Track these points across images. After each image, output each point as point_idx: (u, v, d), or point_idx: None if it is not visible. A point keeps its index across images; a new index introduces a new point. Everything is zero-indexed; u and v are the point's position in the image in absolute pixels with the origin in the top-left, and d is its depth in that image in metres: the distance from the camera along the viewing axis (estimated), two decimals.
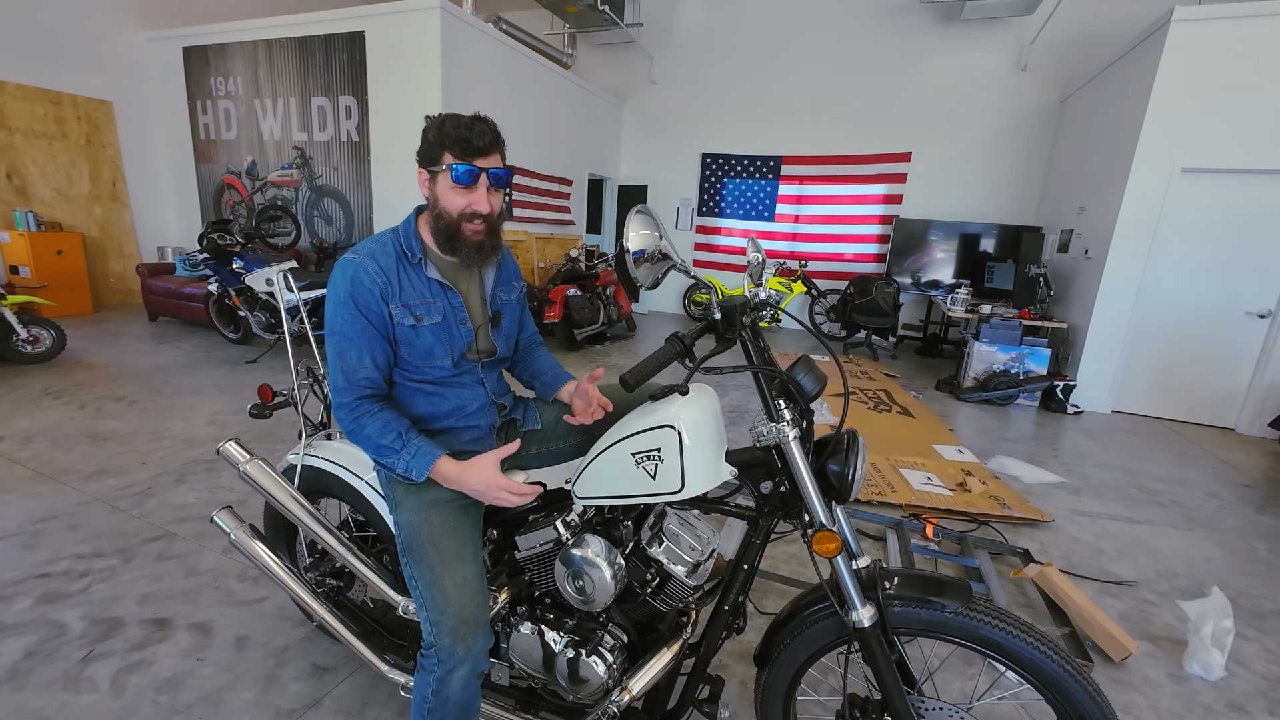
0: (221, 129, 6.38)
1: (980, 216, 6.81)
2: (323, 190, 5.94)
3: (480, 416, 1.24)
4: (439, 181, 1.09)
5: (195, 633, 1.66)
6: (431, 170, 1.09)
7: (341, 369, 1.09)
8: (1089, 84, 5.49)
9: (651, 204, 8.52)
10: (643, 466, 1.07)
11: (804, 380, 0.98)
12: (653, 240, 0.86)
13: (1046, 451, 3.64)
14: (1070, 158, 5.75)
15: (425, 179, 1.11)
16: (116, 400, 3.49)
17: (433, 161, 1.08)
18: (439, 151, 1.07)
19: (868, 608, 0.99)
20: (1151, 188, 4.30)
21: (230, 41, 6.00)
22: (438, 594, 1.01)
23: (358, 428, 1.09)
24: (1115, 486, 3.15)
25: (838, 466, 1.00)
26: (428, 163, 1.09)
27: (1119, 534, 2.61)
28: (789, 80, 7.41)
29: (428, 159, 1.09)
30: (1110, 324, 4.57)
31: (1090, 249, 4.85)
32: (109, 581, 1.85)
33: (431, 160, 1.08)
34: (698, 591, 1.17)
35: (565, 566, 1.13)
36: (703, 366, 0.96)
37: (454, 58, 5.14)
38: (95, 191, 6.28)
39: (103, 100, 6.25)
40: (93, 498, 2.36)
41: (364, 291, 1.08)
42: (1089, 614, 1.83)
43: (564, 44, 8.00)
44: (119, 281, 6.54)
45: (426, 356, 1.15)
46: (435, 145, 1.07)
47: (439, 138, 1.06)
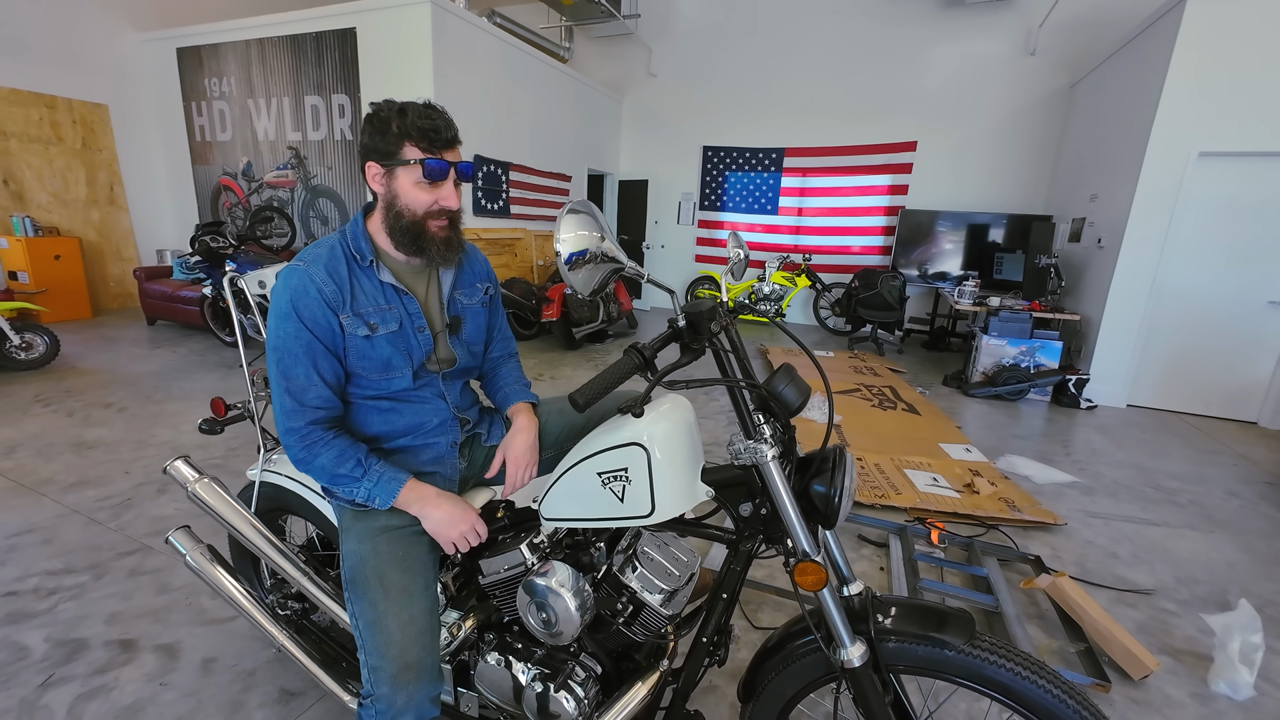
0: (216, 130, 6.33)
1: (988, 206, 6.64)
2: (318, 190, 5.88)
3: (441, 433, 1.14)
4: (399, 177, 0.99)
5: (161, 655, 1.59)
6: (387, 164, 0.99)
7: (287, 389, 0.99)
8: (1100, 67, 5.30)
9: (653, 199, 8.40)
10: (609, 487, 0.98)
11: (784, 392, 0.88)
12: (591, 241, 0.76)
13: (1058, 449, 3.51)
14: (1081, 144, 5.57)
15: (379, 174, 1.01)
16: (105, 407, 3.44)
17: (388, 155, 0.98)
18: (398, 144, 0.97)
19: (857, 645, 0.89)
20: (1167, 173, 4.13)
21: (223, 41, 5.94)
22: (379, 634, 0.92)
23: (309, 457, 1.00)
24: (1130, 486, 3.02)
25: (823, 488, 0.90)
26: (381, 156, 0.99)
27: (1135, 537, 2.49)
28: (790, 70, 7.25)
29: (381, 152, 0.99)
30: (1124, 315, 4.42)
31: (1103, 238, 4.68)
32: (78, 600, 1.79)
33: (387, 153, 0.98)
34: (674, 621, 1.08)
35: (528, 595, 1.04)
36: (668, 380, 0.86)
37: (446, 53, 5.05)
38: (92, 195, 6.26)
39: (98, 103, 6.21)
40: (71, 509, 2.30)
41: (309, 302, 0.98)
42: (1105, 628, 1.72)
43: (561, 37, 7.88)
44: (118, 285, 6.52)
45: (384, 369, 1.06)
46: (393, 136, 0.97)
47: (401, 128, 0.96)
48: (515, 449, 1.18)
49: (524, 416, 1.22)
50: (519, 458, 1.18)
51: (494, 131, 5.82)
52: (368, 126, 0.99)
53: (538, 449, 1.22)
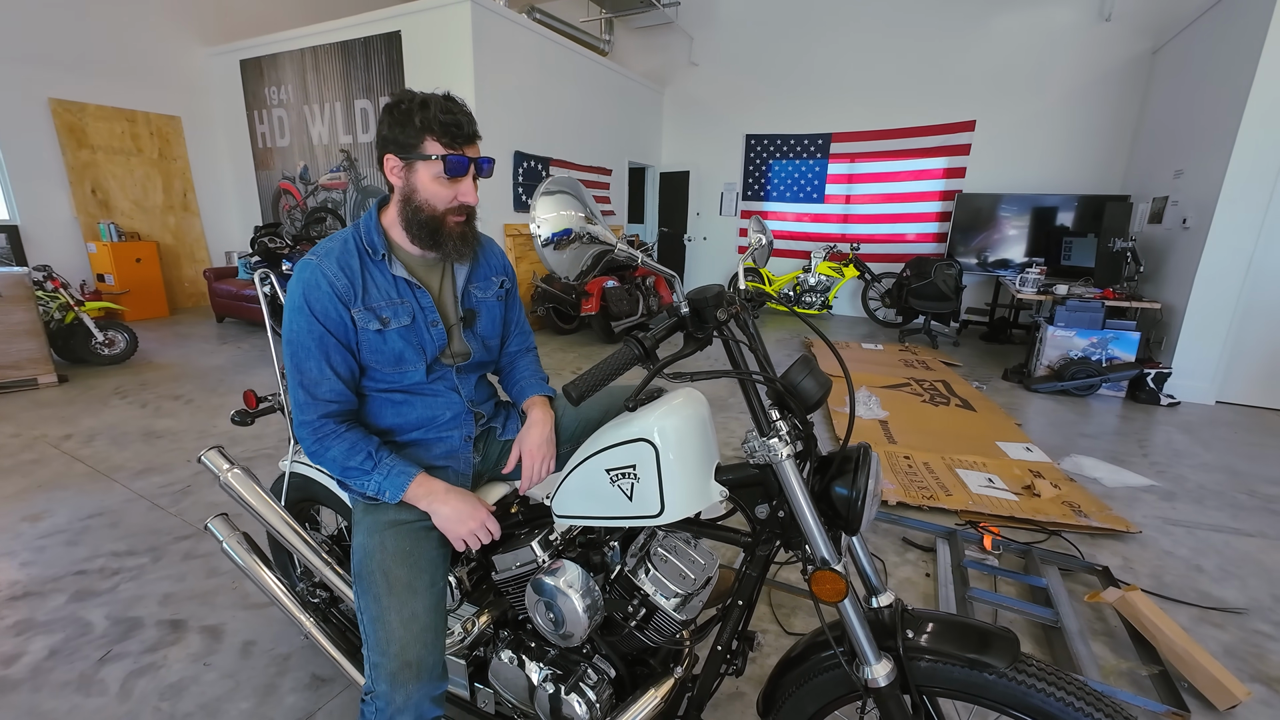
0: (276, 136, 6.65)
1: (1055, 187, 6.18)
2: (367, 191, 6.09)
3: (453, 427, 1.13)
4: (418, 171, 0.98)
5: (206, 636, 1.66)
6: (406, 158, 0.98)
7: (301, 382, 1.00)
8: (1187, 29, 4.81)
9: (694, 190, 8.27)
10: (618, 485, 0.93)
11: (802, 385, 0.81)
12: (575, 220, 0.70)
13: (1133, 449, 3.22)
14: (1165, 116, 5.07)
15: (397, 167, 0.99)
16: (174, 399, 3.68)
17: (408, 148, 0.97)
18: (419, 137, 0.96)
19: (883, 663, 0.81)
20: (1265, 144, 3.70)
21: (280, 51, 6.23)
22: (380, 630, 0.91)
23: (321, 449, 1.00)
24: (1219, 491, 2.72)
25: (845, 490, 0.83)
26: (401, 149, 0.98)
27: (1223, 548, 2.24)
28: (836, 52, 6.96)
29: (401, 145, 0.97)
30: (1213, 302, 4.00)
31: (1189, 217, 4.26)
32: (136, 580, 1.90)
33: (407, 146, 0.97)
34: (688, 626, 1.02)
35: (536, 594, 1.01)
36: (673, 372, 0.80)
37: (486, 50, 5.11)
38: (168, 202, 6.71)
39: (172, 115, 6.64)
40: (137, 495, 2.46)
41: (321, 295, 0.99)
42: (1185, 650, 1.54)
43: (600, 30, 7.85)
44: (191, 285, 6.98)
45: (396, 363, 1.05)
46: (414, 130, 0.96)
47: (423, 122, 0.95)
48: (530, 442, 1.15)
49: (539, 410, 1.19)
50: (534, 451, 1.15)
51: (534, 127, 5.86)
52: (387, 118, 0.97)
53: (554, 443, 1.19)
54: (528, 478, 1.16)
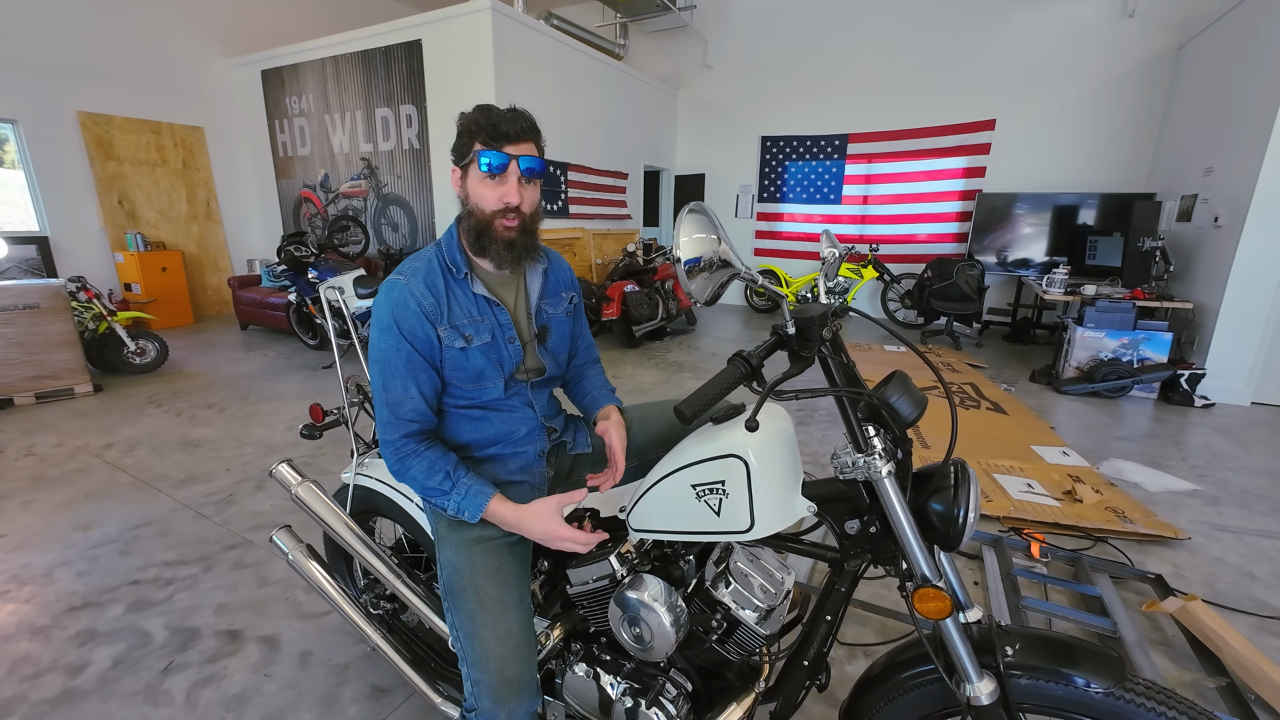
0: (297, 145, 6.73)
1: (1078, 186, 6.11)
2: (388, 199, 6.15)
3: (529, 442, 1.14)
4: (470, 176, 1.01)
5: (264, 646, 1.68)
6: (462, 165, 1.01)
7: (386, 401, 1.01)
8: (1214, 25, 4.74)
9: (710, 192, 8.27)
10: (705, 501, 0.93)
11: (899, 403, 0.80)
12: (709, 245, 0.71)
13: (1171, 452, 3.17)
14: (1192, 113, 5.01)
15: (457, 177, 1.03)
16: (208, 407, 3.73)
17: (462, 155, 1.00)
18: (469, 143, 0.99)
19: (985, 680, 0.81)
20: None
21: (301, 61, 6.30)
22: (478, 647, 0.92)
23: (402, 469, 1.02)
24: (1265, 495, 2.68)
25: (942, 506, 0.83)
26: (459, 157, 1.01)
27: (1275, 555, 2.21)
28: (853, 51, 6.93)
29: (459, 153, 1.01)
30: (1249, 301, 3.94)
31: (1221, 215, 4.20)
32: (191, 590, 1.93)
33: (461, 153, 1.01)
34: (772, 641, 1.02)
35: (620, 610, 1.01)
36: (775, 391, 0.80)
37: (506, 57, 5.14)
38: (192, 212, 6.81)
39: (195, 126, 6.74)
40: (182, 504, 2.49)
41: (409, 315, 1.00)
42: (1251, 661, 1.52)
43: (616, 35, 7.88)
44: (215, 294, 7.07)
45: (477, 380, 1.06)
46: (467, 137, 0.99)
47: (471, 128, 0.98)
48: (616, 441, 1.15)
49: (616, 414, 1.20)
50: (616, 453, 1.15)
51: (552, 132, 5.88)
52: (456, 133, 1.00)
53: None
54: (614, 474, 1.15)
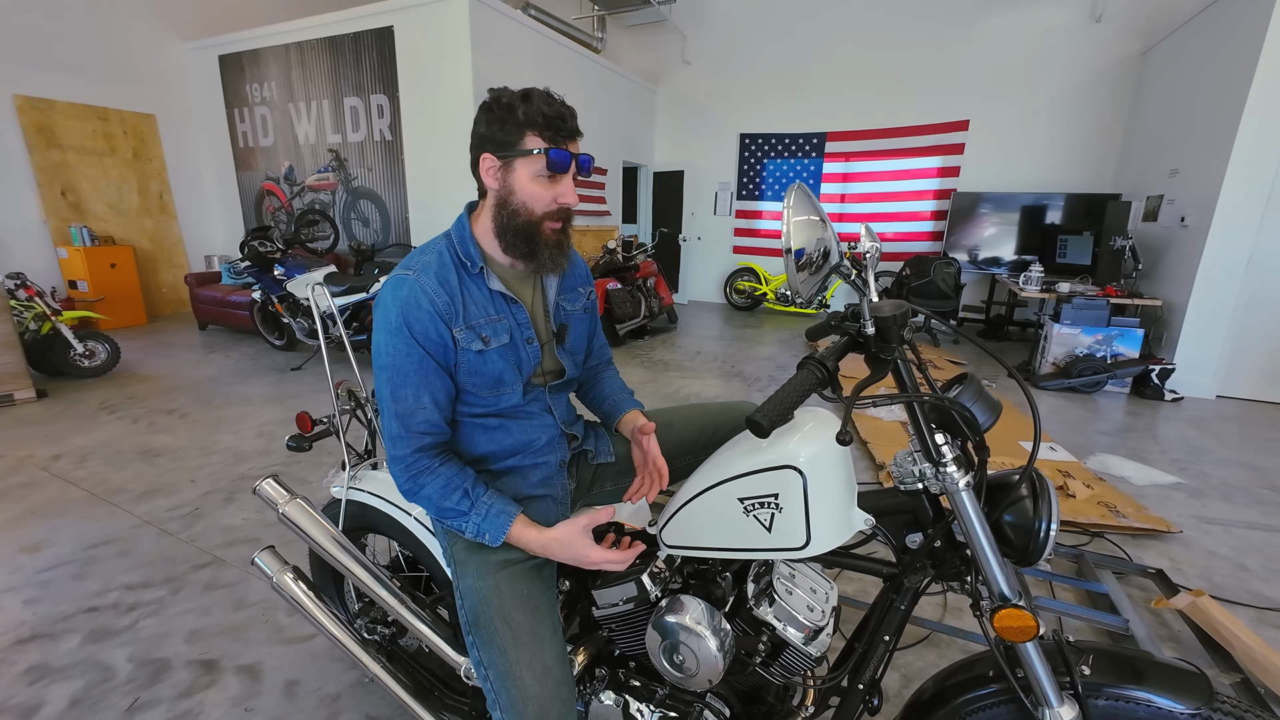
0: (259, 135, 6.40)
1: (1048, 186, 6.27)
2: (359, 192, 5.90)
3: (549, 451, 1.04)
4: (517, 170, 0.89)
5: (244, 676, 1.54)
6: (504, 156, 0.89)
7: (396, 412, 0.90)
8: (1178, 31, 4.91)
9: (688, 190, 8.22)
10: (754, 515, 0.86)
11: (975, 408, 0.74)
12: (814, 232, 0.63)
13: (1150, 446, 3.26)
14: (1157, 116, 5.18)
15: (494, 167, 0.90)
16: (168, 413, 3.48)
17: (506, 145, 0.88)
18: (519, 133, 0.87)
19: (1068, 706, 0.76)
20: (1264, 142, 3.79)
21: (263, 47, 5.99)
22: (513, 688, 0.82)
23: (415, 488, 0.91)
24: (1244, 488, 2.76)
25: (1018, 519, 0.77)
26: (499, 146, 0.89)
27: (1263, 546, 2.26)
28: (831, 50, 6.97)
29: (499, 142, 0.88)
30: (1214, 298, 4.09)
31: (1187, 215, 4.34)
32: (157, 615, 1.76)
33: (505, 144, 0.88)
34: (820, 663, 0.95)
35: (660, 636, 0.93)
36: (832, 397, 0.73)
37: (484, 47, 4.97)
38: (144, 204, 6.41)
39: (147, 114, 6.34)
40: (143, 520, 2.30)
41: (421, 315, 0.89)
42: (1263, 656, 1.53)
43: (594, 27, 7.74)
44: (170, 292, 6.68)
45: (495, 385, 0.96)
46: (514, 125, 0.87)
47: (526, 116, 0.86)
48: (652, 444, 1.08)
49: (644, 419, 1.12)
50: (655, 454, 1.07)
51: None
52: (484, 115, 0.89)
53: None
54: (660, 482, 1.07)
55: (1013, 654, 0.79)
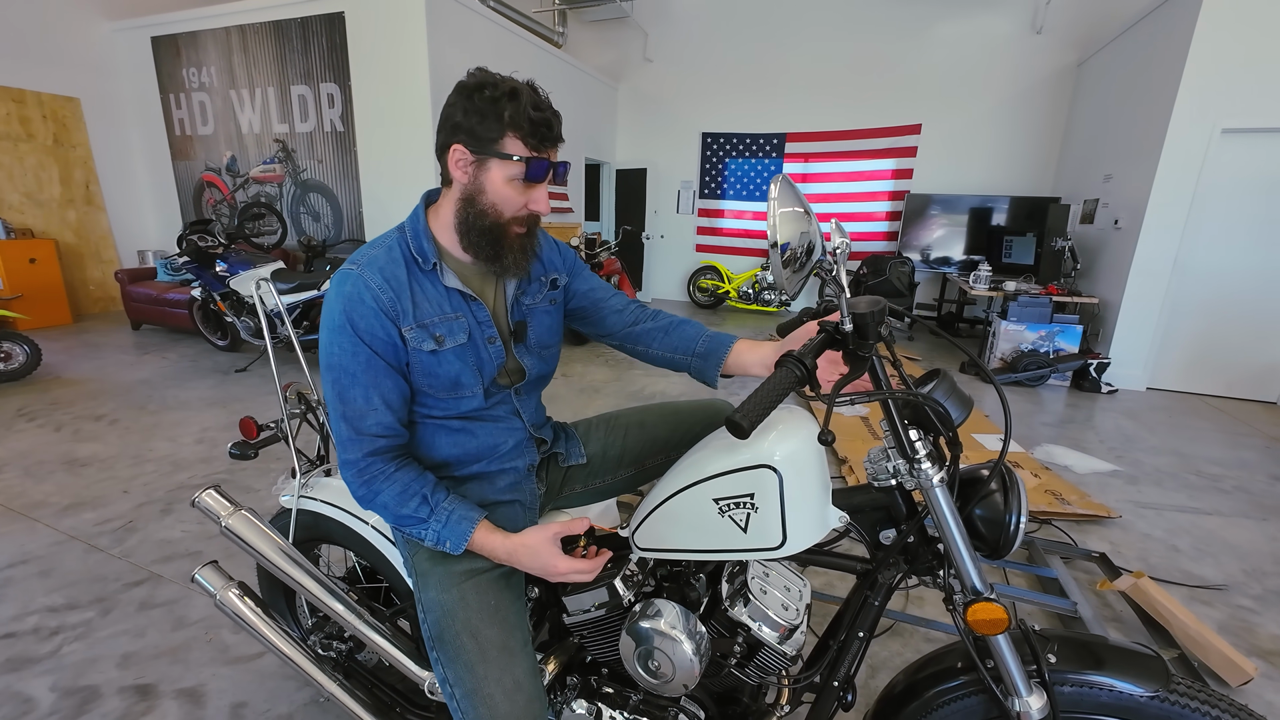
0: (197, 123, 6.03)
1: (994, 189, 6.55)
2: (308, 185, 5.64)
3: (517, 456, 1.00)
4: (491, 170, 0.84)
5: (184, 701, 1.43)
6: (479, 152, 0.83)
7: (344, 415, 0.85)
8: (1111, 44, 5.20)
9: (651, 188, 8.21)
10: (729, 516, 0.84)
11: (949, 404, 0.75)
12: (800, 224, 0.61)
13: (1090, 436, 3.44)
14: (1091, 124, 5.48)
15: (464, 160, 0.84)
16: (96, 420, 3.24)
17: (483, 142, 0.82)
18: (499, 132, 0.81)
19: (1036, 695, 0.77)
20: (1189, 151, 4.05)
21: (201, 29, 5.64)
22: (481, 706, 0.78)
23: (369, 494, 0.86)
24: (1173, 473, 2.95)
25: (986, 512, 0.78)
26: (475, 141, 0.83)
27: (1191, 528, 2.42)
28: (791, 53, 7.08)
29: (477, 137, 0.82)
30: (1145, 297, 4.36)
31: (1120, 218, 4.61)
32: (84, 640, 1.62)
33: (483, 140, 0.82)
34: (795, 662, 0.95)
35: (634, 642, 0.91)
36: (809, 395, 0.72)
37: (441, 37, 4.82)
38: (67, 195, 5.95)
39: (69, 97, 5.89)
40: (68, 535, 2.12)
41: (366, 313, 0.84)
42: (1196, 632, 1.62)
43: (554, 21, 7.63)
44: (99, 289, 6.23)
45: (452, 387, 0.91)
46: (495, 123, 0.81)
47: (511, 117, 0.80)
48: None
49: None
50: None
51: None
52: (462, 103, 0.82)
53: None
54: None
55: (982, 645, 0.80)
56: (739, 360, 1.01)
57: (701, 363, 1.03)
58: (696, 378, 1.05)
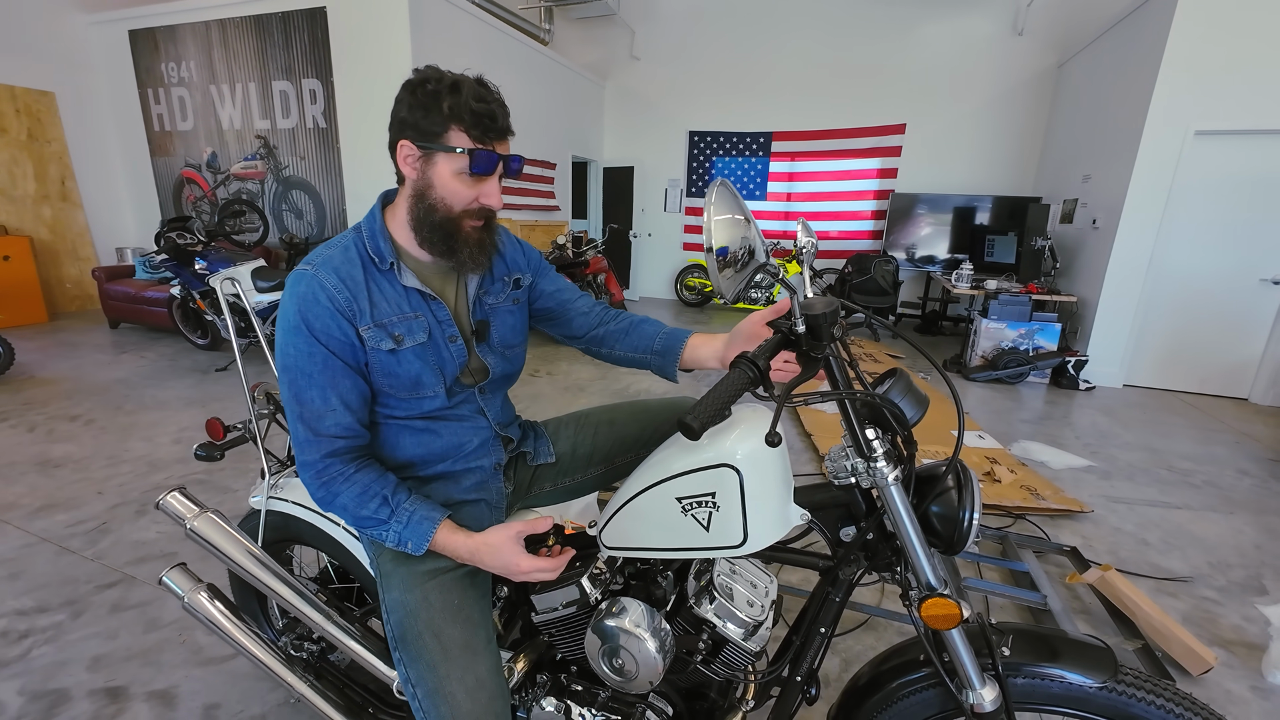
0: (177, 119, 5.94)
1: (977, 188, 6.63)
2: (290, 182, 5.57)
3: (483, 455, 1.00)
4: (438, 164, 0.84)
5: (156, 703, 1.42)
6: (425, 147, 0.83)
7: (301, 416, 0.84)
8: (1089, 47, 5.28)
9: (638, 186, 8.20)
10: (692, 514, 0.85)
11: (904, 404, 0.76)
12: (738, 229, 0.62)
13: (1067, 432, 3.50)
14: (1071, 125, 5.56)
15: (412, 156, 0.85)
16: (71, 420, 3.19)
17: (428, 136, 0.83)
18: (443, 126, 0.82)
19: (989, 687, 0.79)
20: (1164, 152, 4.13)
21: (179, 23, 5.55)
22: (443, 705, 0.78)
23: (328, 496, 0.85)
24: (1145, 468, 3.01)
25: (944, 510, 0.80)
26: (420, 135, 0.83)
27: (1161, 522, 2.47)
28: (777, 52, 7.11)
29: (422, 131, 0.83)
30: (1121, 295, 4.43)
31: (1098, 218, 4.68)
32: (54, 643, 1.60)
33: (427, 134, 0.83)
34: (760, 657, 0.96)
35: (599, 640, 0.91)
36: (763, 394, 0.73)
37: (425, 33, 4.78)
38: (42, 191, 5.84)
39: (44, 91, 5.77)
40: (39, 538, 2.09)
41: (321, 312, 0.83)
42: (1161, 623, 1.66)
43: (540, 19, 7.58)
44: (75, 287, 6.12)
45: (413, 387, 0.91)
46: (438, 116, 0.81)
47: (451, 109, 0.81)
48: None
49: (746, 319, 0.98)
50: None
51: None
52: (408, 98, 0.83)
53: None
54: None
55: (938, 639, 0.82)
56: (694, 355, 1.03)
57: (661, 360, 1.06)
58: (658, 374, 1.07)
